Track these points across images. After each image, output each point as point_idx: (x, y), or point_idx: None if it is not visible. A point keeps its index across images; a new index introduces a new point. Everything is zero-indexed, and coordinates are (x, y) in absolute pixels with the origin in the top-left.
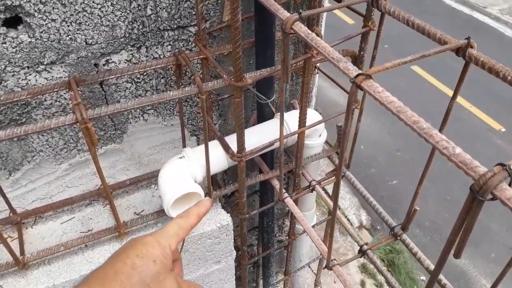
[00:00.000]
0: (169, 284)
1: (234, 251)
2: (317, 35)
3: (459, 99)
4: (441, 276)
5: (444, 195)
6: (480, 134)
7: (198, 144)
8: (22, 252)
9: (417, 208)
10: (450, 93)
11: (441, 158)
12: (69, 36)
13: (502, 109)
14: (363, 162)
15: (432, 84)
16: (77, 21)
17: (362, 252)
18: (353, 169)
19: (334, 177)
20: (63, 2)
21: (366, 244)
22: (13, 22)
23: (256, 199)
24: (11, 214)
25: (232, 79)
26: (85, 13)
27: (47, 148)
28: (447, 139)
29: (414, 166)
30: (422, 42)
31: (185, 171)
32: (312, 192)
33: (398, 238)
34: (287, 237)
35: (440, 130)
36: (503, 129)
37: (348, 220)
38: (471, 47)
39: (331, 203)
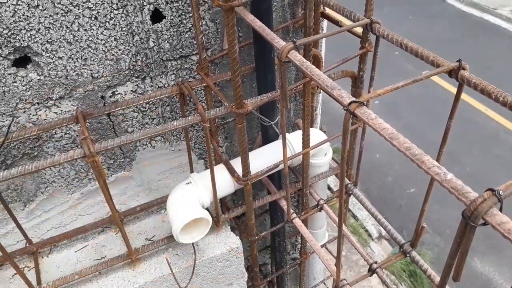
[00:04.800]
0: None
1: (246, 273)
2: (317, 57)
3: (474, 102)
4: None
5: None
6: (497, 138)
7: (206, 167)
8: (38, 281)
9: (424, 225)
10: (467, 98)
11: (460, 162)
12: (76, 72)
13: None
14: (379, 170)
15: (446, 89)
16: (83, 57)
17: (371, 271)
18: (370, 178)
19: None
20: (69, 40)
21: (375, 262)
22: (23, 61)
23: (267, 218)
24: (27, 244)
25: (233, 106)
26: (90, 49)
27: (59, 178)
28: (439, 165)
29: None
30: (433, 49)
31: (192, 196)
32: (320, 211)
33: (408, 255)
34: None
35: (440, 150)
36: None
37: (367, 231)
38: (464, 69)
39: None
